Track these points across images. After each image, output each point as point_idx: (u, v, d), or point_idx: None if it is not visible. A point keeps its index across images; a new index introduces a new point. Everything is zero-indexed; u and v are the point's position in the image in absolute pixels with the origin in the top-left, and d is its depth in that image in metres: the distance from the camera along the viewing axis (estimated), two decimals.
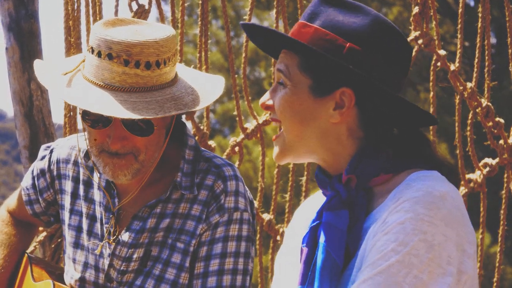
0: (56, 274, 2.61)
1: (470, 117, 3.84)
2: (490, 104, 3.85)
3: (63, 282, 2.56)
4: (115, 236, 2.44)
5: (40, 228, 2.95)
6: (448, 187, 1.91)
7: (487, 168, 3.93)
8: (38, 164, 2.64)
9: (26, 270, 2.60)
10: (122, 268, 2.44)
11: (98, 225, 2.50)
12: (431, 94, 3.80)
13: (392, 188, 1.94)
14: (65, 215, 2.58)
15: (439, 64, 3.74)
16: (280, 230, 3.64)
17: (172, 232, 2.42)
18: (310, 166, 3.68)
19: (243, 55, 3.53)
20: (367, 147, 1.99)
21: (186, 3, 3.37)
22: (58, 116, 3.26)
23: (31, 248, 2.93)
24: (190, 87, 2.39)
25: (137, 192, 2.43)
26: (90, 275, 2.50)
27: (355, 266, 1.91)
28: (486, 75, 3.84)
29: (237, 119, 3.59)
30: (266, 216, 3.64)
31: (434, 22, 3.71)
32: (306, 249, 2.00)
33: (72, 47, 3.20)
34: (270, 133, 9.04)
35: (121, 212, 2.46)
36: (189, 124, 3.42)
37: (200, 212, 2.41)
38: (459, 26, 3.81)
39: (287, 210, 3.68)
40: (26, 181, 2.67)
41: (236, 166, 2.55)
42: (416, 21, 3.65)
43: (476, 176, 3.92)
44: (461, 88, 3.80)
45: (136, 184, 2.43)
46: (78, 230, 2.54)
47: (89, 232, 2.51)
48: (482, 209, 3.90)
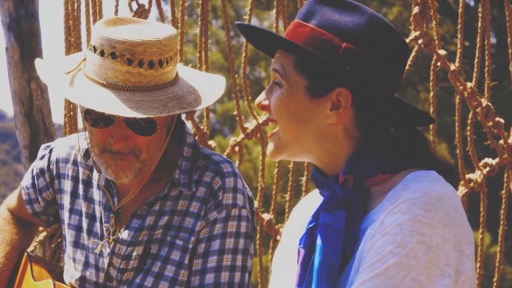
0: (56, 273, 2.61)
1: (470, 117, 3.83)
2: (490, 104, 3.84)
3: (63, 281, 2.56)
4: (115, 235, 2.44)
5: (40, 228, 2.95)
6: (446, 187, 1.90)
7: (487, 168, 3.93)
8: (38, 164, 2.64)
9: (25, 268, 2.59)
10: (121, 266, 2.44)
11: (97, 224, 2.50)
12: (431, 94, 3.80)
13: (390, 189, 1.93)
14: (64, 215, 2.58)
15: (439, 64, 3.74)
16: (280, 230, 3.63)
17: (171, 230, 2.42)
18: (310, 166, 3.67)
19: (243, 54, 3.52)
20: (364, 147, 1.98)
21: (186, 3, 3.37)
22: (58, 116, 3.25)
23: (31, 248, 2.92)
24: (191, 86, 2.39)
25: (137, 191, 2.44)
26: (91, 274, 2.50)
27: (353, 267, 1.90)
28: (486, 75, 3.83)
29: (237, 119, 3.59)
30: (266, 216, 3.64)
31: (434, 22, 3.70)
32: (303, 250, 1.99)
33: (72, 47, 3.20)
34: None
35: (120, 211, 2.46)
36: (189, 124, 3.42)
37: (198, 209, 2.41)
38: (459, 26, 3.80)
39: (287, 210, 3.67)
40: (26, 180, 2.67)
41: (235, 165, 2.55)
42: (416, 21, 3.65)
43: (476, 176, 3.92)
44: (461, 88, 3.79)
45: (137, 183, 2.43)
46: (78, 229, 2.54)
47: (89, 232, 2.51)
48: (482, 209, 3.90)
